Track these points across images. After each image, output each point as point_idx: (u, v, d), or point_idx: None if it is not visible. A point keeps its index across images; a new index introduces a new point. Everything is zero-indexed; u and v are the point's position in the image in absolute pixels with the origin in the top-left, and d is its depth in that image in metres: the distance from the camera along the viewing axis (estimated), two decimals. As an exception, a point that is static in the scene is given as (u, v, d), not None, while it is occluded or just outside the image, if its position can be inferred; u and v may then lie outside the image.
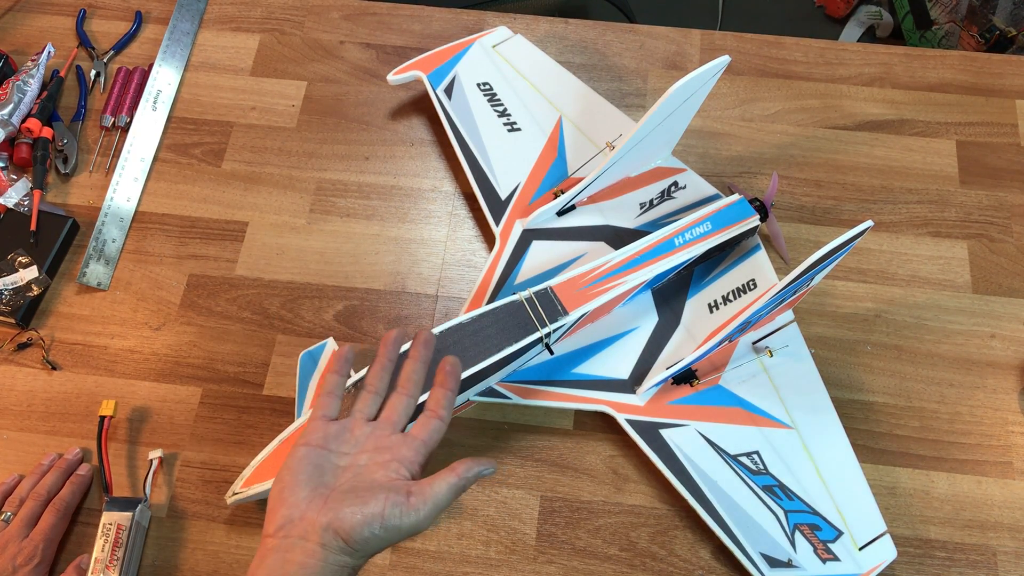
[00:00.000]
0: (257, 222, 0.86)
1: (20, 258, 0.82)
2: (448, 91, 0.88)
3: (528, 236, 0.80)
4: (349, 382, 0.64)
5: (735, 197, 0.78)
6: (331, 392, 0.56)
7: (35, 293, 0.80)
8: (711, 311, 0.76)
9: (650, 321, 0.76)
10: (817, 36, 0.96)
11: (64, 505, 0.70)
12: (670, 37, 0.95)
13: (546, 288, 0.71)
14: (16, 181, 0.85)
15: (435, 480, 0.51)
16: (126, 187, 0.87)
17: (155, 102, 0.91)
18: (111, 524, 0.69)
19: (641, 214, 0.82)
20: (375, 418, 0.56)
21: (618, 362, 0.74)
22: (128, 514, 0.69)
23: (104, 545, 0.68)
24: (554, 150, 0.85)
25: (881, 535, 0.68)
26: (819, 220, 0.85)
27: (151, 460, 0.74)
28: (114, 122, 0.90)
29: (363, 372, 0.64)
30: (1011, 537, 0.71)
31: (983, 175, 0.87)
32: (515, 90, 0.89)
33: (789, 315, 0.76)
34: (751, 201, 0.78)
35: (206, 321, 0.81)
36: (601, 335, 0.75)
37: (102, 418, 0.75)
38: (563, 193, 0.80)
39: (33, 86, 0.89)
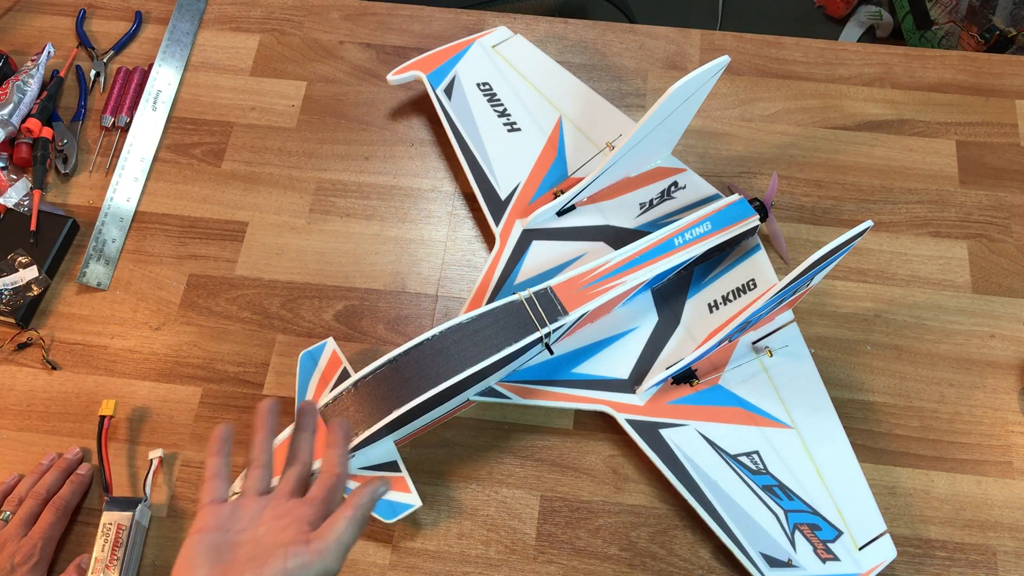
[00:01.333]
0: (257, 222, 0.86)
1: (20, 258, 0.82)
2: (448, 91, 0.88)
3: (528, 236, 0.80)
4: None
5: (735, 197, 0.78)
6: (216, 475, 0.55)
7: (35, 293, 0.80)
8: (711, 311, 0.76)
9: (650, 321, 0.76)
10: (817, 36, 0.96)
11: (63, 504, 0.70)
12: (670, 37, 0.95)
13: (546, 288, 0.71)
14: (16, 181, 0.85)
15: (332, 521, 0.50)
16: (126, 187, 0.87)
17: (155, 102, 0.91)
18: (111, 524, 0.69)
19: (641, 214, 0.82)
20: (268, 492, 0.55)
21: (618, 362, 0.74)
22: (128, 514, 0.69)
23: (104, 545, 0.68)
24: (554, 150, 0.85)
25: (881, 535, 0.68)
26: (819, 220, 0.85)
27: (151, 460, 0.74)
28: (114, 122, 0.90)
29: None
30: (1011, 537, 0.71)
31: (983, 175, 0.87)
32: (515, 90, 0.88)
33: (789, 315, 0.76)
34: (751, 201, 0.78)
35: (206, 321, 0.81)
36: (601, 335, 0.75)
37: (102, 418, 0.75)
38: (563, 193, 0.80)
39: (33, 86, 0.89)
